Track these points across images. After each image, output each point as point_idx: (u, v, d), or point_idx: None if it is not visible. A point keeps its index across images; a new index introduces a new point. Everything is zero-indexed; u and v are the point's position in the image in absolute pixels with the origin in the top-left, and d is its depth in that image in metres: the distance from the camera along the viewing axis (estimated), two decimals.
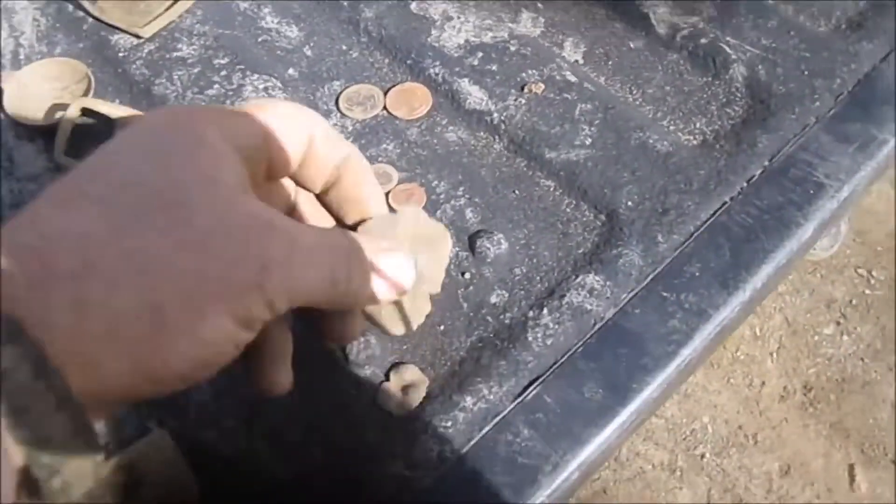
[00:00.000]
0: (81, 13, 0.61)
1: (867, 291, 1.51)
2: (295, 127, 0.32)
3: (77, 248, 0.24)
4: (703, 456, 1.40)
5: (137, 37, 0.59)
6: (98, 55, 0.59)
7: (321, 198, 0.36)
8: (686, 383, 1.18)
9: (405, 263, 0.34)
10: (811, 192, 0.49)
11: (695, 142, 0.53)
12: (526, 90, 0.55)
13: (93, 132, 0.53)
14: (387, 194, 0.50)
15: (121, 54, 0.59)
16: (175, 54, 0.58)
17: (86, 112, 0.53)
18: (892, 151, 0.51)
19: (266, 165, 0.31)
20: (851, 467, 1.36)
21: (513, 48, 0.57)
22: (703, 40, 0.56)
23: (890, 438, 1.37)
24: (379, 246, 0.33)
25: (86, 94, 0.56)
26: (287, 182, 0.35)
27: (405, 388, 0.44)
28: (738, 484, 1.37)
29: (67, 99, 0.55)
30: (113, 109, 0.54)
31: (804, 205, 0.49)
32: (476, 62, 0.57)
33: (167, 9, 0.60)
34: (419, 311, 0.41)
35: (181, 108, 0.29)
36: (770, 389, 1.44)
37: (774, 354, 1.47)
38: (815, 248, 1.39)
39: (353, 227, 0.37)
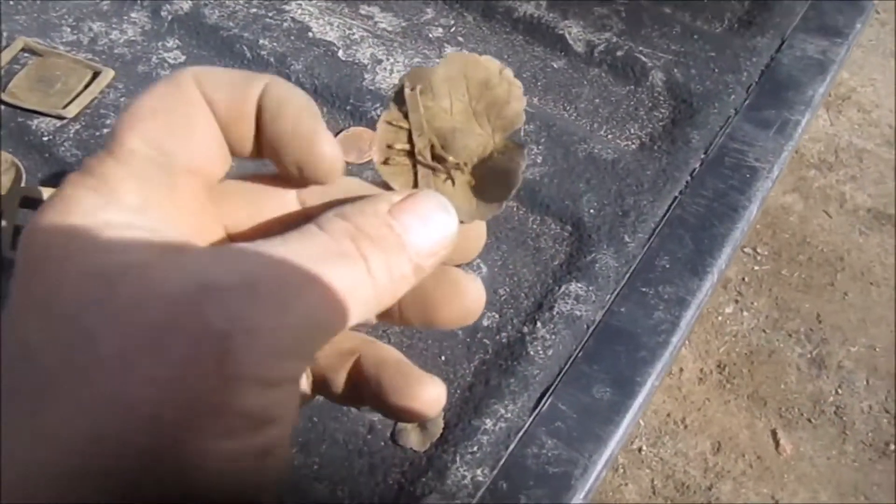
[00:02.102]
0: None
1: (756, 268, 1.63)
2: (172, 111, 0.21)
3: None
4: (640, 449, 1.45)
5: (60, 118, 0.57)
6: (20, 143, 0.56)
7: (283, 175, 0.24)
8: None
9: (432, 207, 0.23)
10: (748, 176, 0.54)
11: (634, 146, 0.56)
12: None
13: None
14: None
15: (45, 138, 0.56)
16: (105, 130, 0.56)
17: (25, 202, 0.51)
18: (803, 129, 0.57)
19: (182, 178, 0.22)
20: (774, 432, 1.44)
21: None
22: (619, 53, 0.61)
23: (802, 399, 1.47)
24: (386, 202, 0.22)
25: (16, 182, 0.53)
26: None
27: (422, 423, 0.44)
28: (678, 469, 1.43)
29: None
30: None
31: (745, 188, 0.53)
32: None
33: (86, 86, 0.58)
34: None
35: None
36: (689, 374, 1.52)
37: (686, 341, 1.55)
38: None
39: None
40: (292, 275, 0.19)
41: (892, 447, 1.42)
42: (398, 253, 0.22)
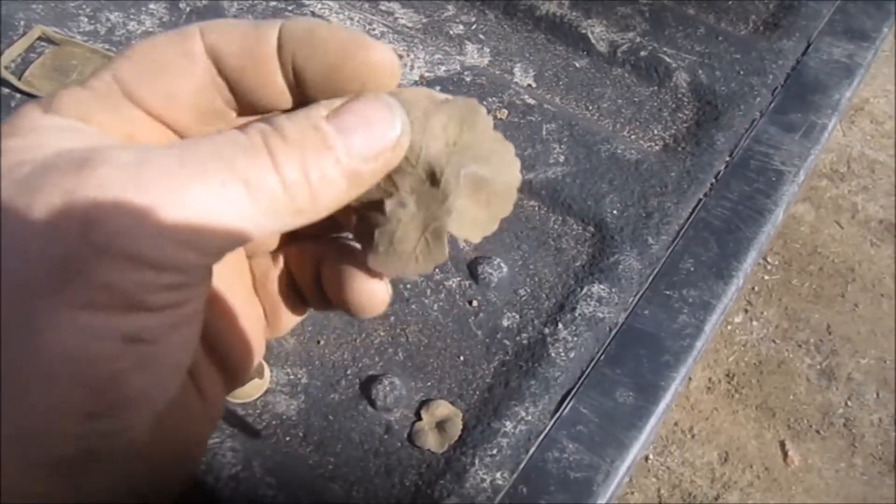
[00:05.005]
0: (7, 90, 0.58)
1: (766, 277, 1.62)
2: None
3: None
4: (646, 458, 1.44)
5: None
6: None
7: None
8: None
9: (377, 107, 0.21)
10: (773, 179, 0.53)
11: (657, 147, 0.55)
12: (491, 116, 0.56)
13: None
14: None
15: None
16: None
17: None
18: (830, 134, 0.56)
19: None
20: (782, 444, 1.43)
21: (468, 79, 0.59)
22: (642, 53, 0.60)
23: (811, 410, 1.45)
24: (326, 107, 0.21)
25: None
26: None
27: (440, 424, 0.43)
28: (684, 478, 1.42)
29: None
30: None
31: (771, 192, 0.52)
32: None
33: None
34: (488, 219, 0.23)
35: None
36: (697, 383, 1.50)
37: None
38: None
39: None
40: (184, 158, 0.19)
41: None
42: (317, 152, 0.21)
